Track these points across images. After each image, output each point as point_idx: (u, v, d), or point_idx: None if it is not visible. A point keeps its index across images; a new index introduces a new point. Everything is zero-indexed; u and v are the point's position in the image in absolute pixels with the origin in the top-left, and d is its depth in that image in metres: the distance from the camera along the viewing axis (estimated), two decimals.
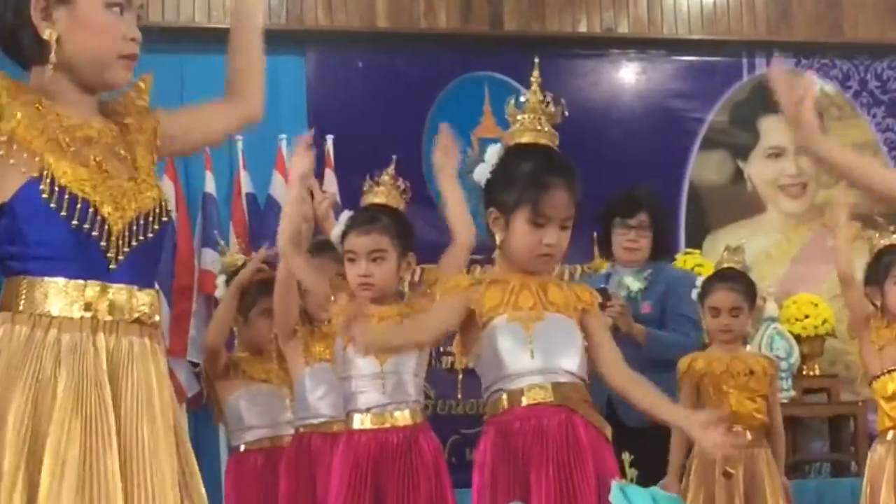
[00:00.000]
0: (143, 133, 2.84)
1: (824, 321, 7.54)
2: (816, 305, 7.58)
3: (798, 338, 7.49)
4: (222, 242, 6.33)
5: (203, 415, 6.30)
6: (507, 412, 3.40)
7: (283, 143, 6.94)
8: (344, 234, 4.18)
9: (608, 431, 3.38)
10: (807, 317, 7.52)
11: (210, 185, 6.84)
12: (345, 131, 7.17)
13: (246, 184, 6.95)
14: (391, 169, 4.32)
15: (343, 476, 3.95)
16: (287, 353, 4.76)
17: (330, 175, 7.03)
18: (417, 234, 6.97)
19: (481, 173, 3.58)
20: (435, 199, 7.38)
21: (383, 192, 4.30)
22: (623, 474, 2.25)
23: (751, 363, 5.40)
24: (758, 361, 5.45)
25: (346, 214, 4.36)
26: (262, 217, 6.86)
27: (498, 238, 3.47)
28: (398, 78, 7.56)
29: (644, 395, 3.43)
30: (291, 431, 4.99)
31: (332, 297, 4.23)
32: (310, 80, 7.47)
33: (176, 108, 3.00)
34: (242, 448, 5.22)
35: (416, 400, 4.10)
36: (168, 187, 6.57)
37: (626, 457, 2.26)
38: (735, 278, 5.42)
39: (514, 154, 3.53)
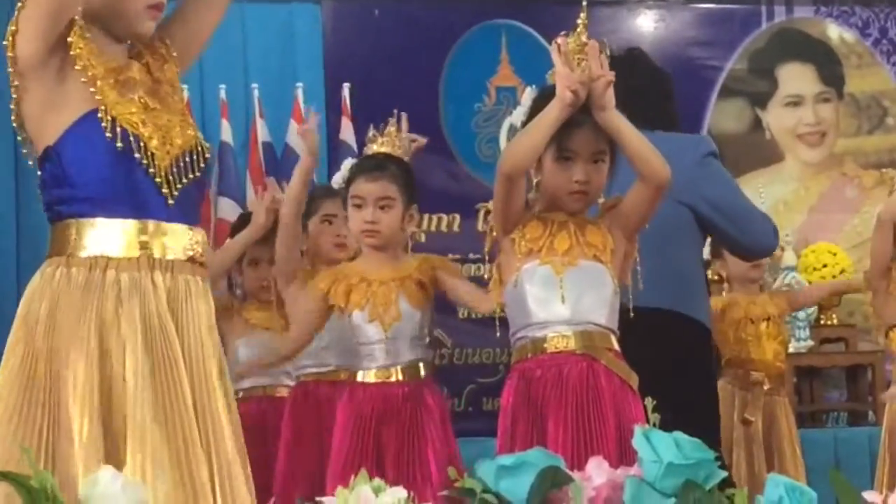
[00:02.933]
0: (162, 63, 2.87)
1: (842, 270, 7.50)
2: (835, 254, 7.56)
3: None
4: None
5: None
6: (531, 359, 3.41)
7: (300, 92, 6.92)
8: (350, 180, 4.13)
9: (634, 381, 3.37)
10: (825, 266, 7.49)
11: (226, 134, 6.82)
12: (361, 79, 7.14)
13: (262, 132, 6.92)
14: (395, 120, 4.27)
15: (346, 429, 3.95)
16: (287, 297, 4.70)
17: (346, 123, 7.00)
18: (435, 184, 7.00)
19: (517, 117, 3.57)
20: (453, 150, 7.41)
21: (388, 142, 4.26)
22: (646, 420, 2.24)
23: (769, 308, 5.40)
24: (775, 304, 5.45)
25: (349, 161, 4.33)
26: (279, 166, 6.83)
27: (535, 181, 3.48)
28: (415, 26, 7.52)
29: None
30: (287, 382, 5.00)
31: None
32: (326, 28, 7.43)
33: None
34: (240, 394, 5.23)
35: (423, 358, 4.08)
36: None
37: (649, 402, 2.25)
38: None
39: (542, 95, 3.53)
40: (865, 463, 6.25)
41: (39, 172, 2.74)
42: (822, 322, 7.53)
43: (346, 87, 7.07)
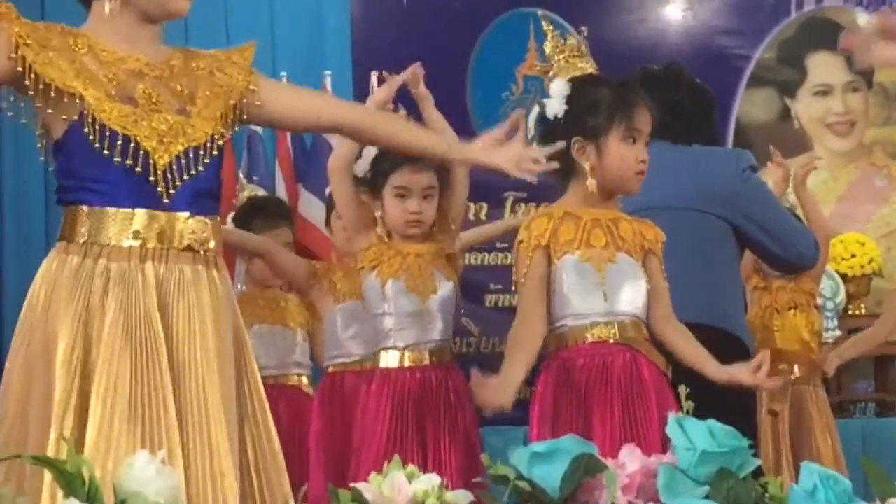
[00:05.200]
0: (222, 80, 2.85)
1: (871, 260, 7.49)
2: (863, 244, 7.54)
3: (844, 277, 7.45)
4: (243, 179, 6.24)
5: None
6: (571, 348, 3.41)
7: (328, 79, 6.91)
8: (389, 170, 4.11)
9: (669, 371, 3.40)
10: (853, 256, 7.48)
11: None
12: (389, 67, 7.09)
13: None
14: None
15: (382, 414, 3.93)
16: (314, 296, 4.73)
17: None
18: None
19: (554, 108, 3.55)
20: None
21: None
22: (680, 408, 2.24)
23: (796, 297, 5.38)
24: (804, 290, 5.43)
25: (371, 148, 4.32)
26: (308, 154, 6.83)
27: (587, 166, 3.45)
28: (443, 13, 7.49)
29: (685, 348, 3.47)
30: (297, 371, 5.09)
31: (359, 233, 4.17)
32: (355, 15, 7.41)
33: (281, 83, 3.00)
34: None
35: (449, 339, 4.09)
36: None
37: (683, 390, 2.26)
38: None
39: (587, 83, 3.55)
40: (894, 454, 6.23)
41: (53, 160, 2.76)
42: (850, 312, 7.51)
43: (373, 75, 7.04)
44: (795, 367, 5.41)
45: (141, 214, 2.69)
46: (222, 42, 6.87)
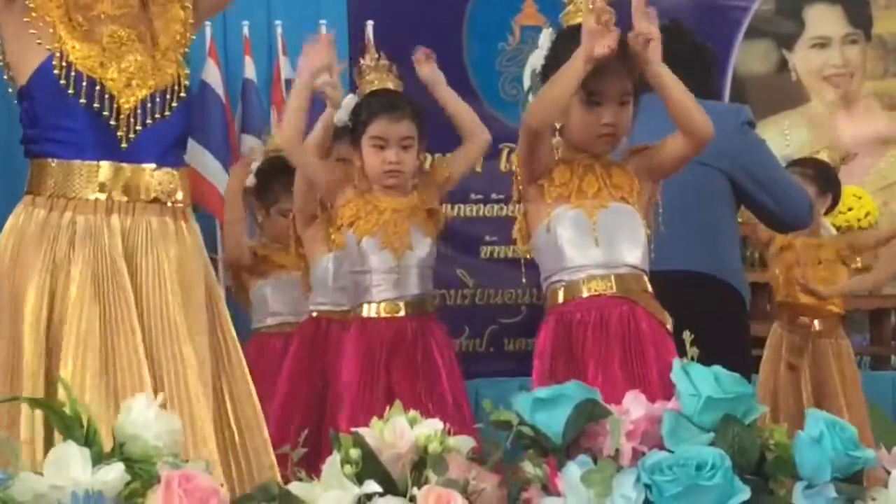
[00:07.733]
0: (168, 6, 2.84)
1: (867, 214, 7.48)
2: (860, 198, 7.52)
3: (840, 230, 7.43)
4: (271, 130, 6.24)
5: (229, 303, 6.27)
6: (568, 303, 3.37)
7: (324, 29, 6.86)
8: (367, 120, 4.08)
9: (669, 324, 3.35)
10: (850, 209, 7.46)
11: (250, 71, 6.77)
12: (384, 16, 7.07)
13: (286, 69, 6.85)
14: (374, 53, 4.24)
15: (356, 363, 3.94)
16: (305, 237, 4.69)
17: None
18: None
19: (536, 59, 3.52)
20: (476, 89, 7.34)
21: (387, 77, 4.23)
22: (684, 354, 2.22)
23: (823, 253, 5.38)
24: (830, 248, 5.42)
25: (351, 98, 4.29)
26: None
27: (557, 124, 3.41)
28: None
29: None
30: None
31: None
32: None
33: None
34: (263, 330, 5.24)
35: (429, 291, 4.07)
36: (213, 71, 6.51)
37: (687, 335, 2.23)
38: (804, 164, 5.43)
39: (565, 37, 3.46)
40: (888, 407, 6.25)
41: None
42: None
43: (369, 24, 7.00)
44: (816, 322, 5.40)
45: (106, 167, 2.68)
46: None
